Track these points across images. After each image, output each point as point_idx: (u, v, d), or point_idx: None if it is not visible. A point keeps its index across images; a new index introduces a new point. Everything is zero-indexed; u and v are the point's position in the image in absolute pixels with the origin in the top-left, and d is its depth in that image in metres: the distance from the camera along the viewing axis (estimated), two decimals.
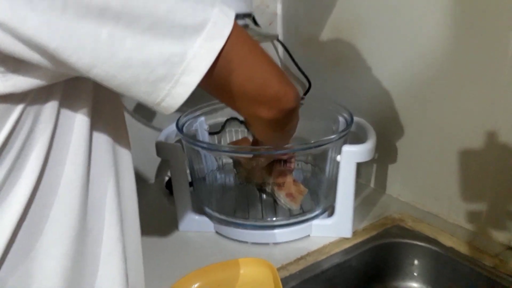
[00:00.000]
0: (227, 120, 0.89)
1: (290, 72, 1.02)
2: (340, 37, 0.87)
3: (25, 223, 0.39)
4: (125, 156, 0.47)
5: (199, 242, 0.71)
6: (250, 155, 0.72)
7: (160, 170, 0.94)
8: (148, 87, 0.36)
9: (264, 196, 0.75)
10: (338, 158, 0.67)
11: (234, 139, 0.88)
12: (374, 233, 0.72)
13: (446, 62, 0.68)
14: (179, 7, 0.35)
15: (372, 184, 0.88)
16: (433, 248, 0.69)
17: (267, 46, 1.00)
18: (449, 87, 0.69)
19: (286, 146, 0.63)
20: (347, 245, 0.70)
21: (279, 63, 1.05)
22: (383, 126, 0.81)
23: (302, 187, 0.72)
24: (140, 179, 0.93)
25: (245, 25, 0.74)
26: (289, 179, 0.71)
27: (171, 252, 0.69)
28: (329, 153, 0.71)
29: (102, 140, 0.44)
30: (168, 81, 0.36)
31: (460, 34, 0.65)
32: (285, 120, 0.49)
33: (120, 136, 0.46)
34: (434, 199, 0.76)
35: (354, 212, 0.70)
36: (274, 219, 0.71)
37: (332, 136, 0.67)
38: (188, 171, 0.73)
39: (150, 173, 0.94)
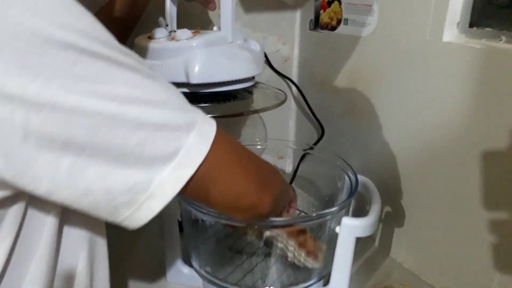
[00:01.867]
0: None
1: (304, 114, 0.99)
2: (355, 87, 0.83)
3: None
4: (101, 247, 0.46)
5: None
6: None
7: None
8: (109, 212, 0.35)
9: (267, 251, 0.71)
10: (337, 229, 0.63)
11: None
12: None
13: (464, 129, 0.63)
14: (150, 139, 0.33)
15: (376, 243, 0.84)
16: None
17: (282, 86, 0.97)
18: (466, 154, 0.64)
19: (283, 219, 0.61)
20: None
21: (293, 104, 1.02)
22: (392, 186, 0.77)
23: (320, 243, 0.67)
24: None
25: (254, 84, 0.71)
26: (308, 236, 0.66)
27: None
28: (328, 223, 0.67)
29: (74, 236, 0.42)
30: (130, 207, 0.35)
31: (479, 103, 0.61)
32: (263, 218, 0.48)
33: (96, 228, 0.45)
34: (438, 273, 0.72)
35: (352, 278, 0.66)
36: (266, 287, 0.69)
37: (333, 209, 0.63)
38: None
39: None
